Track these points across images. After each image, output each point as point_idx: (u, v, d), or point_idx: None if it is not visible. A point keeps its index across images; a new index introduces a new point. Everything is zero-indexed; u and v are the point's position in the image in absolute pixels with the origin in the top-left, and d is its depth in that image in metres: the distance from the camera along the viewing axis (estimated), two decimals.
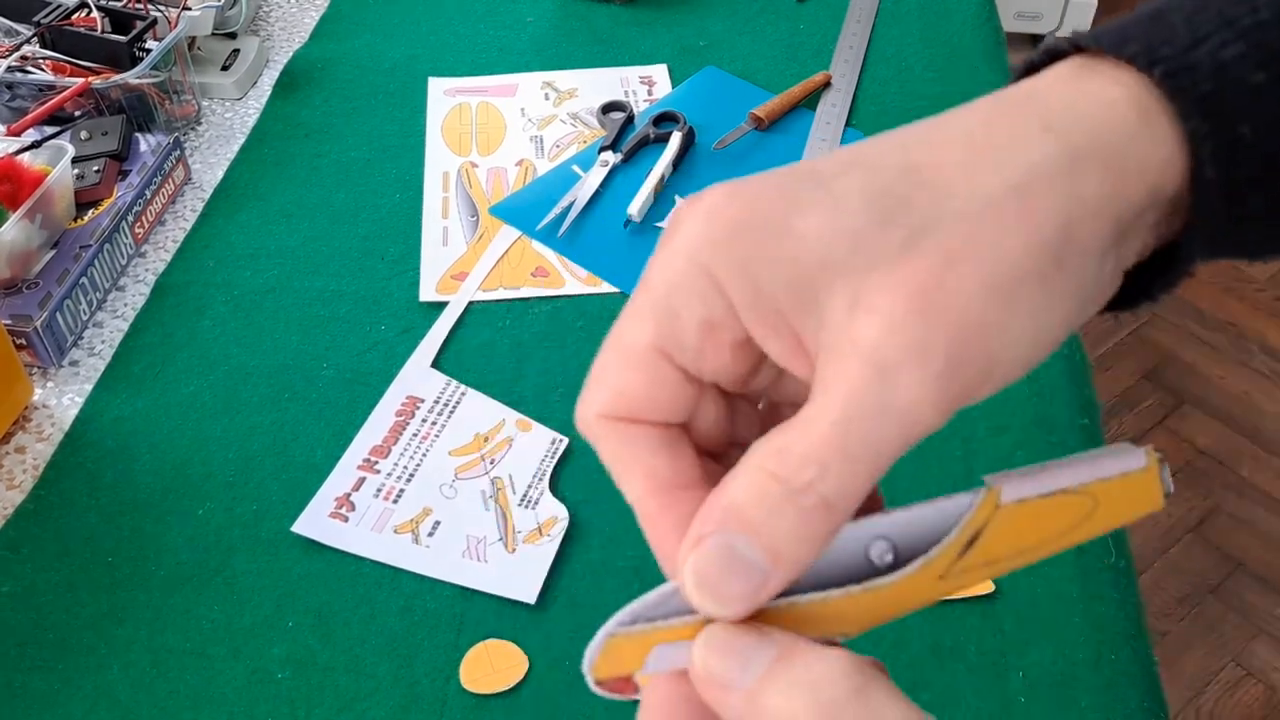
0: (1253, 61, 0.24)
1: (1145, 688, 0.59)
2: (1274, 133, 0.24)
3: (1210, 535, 1.73)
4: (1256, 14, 0.25)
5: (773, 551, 0.23)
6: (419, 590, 0.64)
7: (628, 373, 0.27)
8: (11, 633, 0.62)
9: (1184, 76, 0.24)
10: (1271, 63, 0.24)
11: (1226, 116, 0.24)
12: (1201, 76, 0.24)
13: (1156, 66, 0.24)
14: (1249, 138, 0.24)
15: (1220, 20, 0.25)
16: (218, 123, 0.99)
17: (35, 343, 0.75)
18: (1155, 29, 0.25)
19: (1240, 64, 0.24)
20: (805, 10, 1.11)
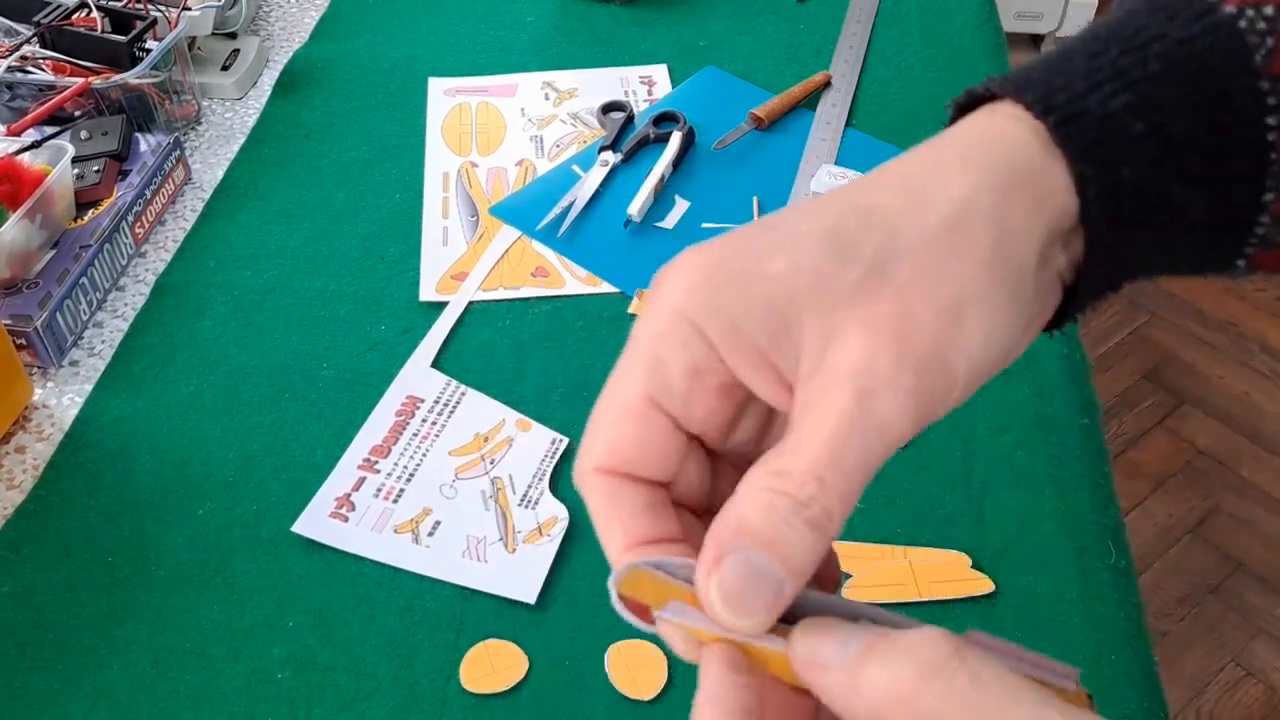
0: (1136, 112, 0.28)
1: (1145, 688, 0.59)
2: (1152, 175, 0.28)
3: (1210, 535, 1.73)
4: (1146, 66, 0.28)
5: (785, 561, 0.26)
6: (419, 590, 0.64)
7: (621, 424, 0.29)
8: (11, 633, 0.62)
9: (1074, 124, 0.28)
10: (1152, 113, 0.28)
11: (1109, 162, 0.27)
12: (1089, 125, 0.28)
13: (1051, 114, 0.28)
14: (1130, 180, 0.28)
15: (1113, 70, 0.28)
16: (218, 123, 0.99)
17: (35, 343, 0.75)
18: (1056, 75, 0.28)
19: (1126, 113, 0.27)
20: (805, 10, 1.11)
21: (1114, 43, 0.29)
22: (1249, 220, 0.29)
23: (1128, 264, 0.30)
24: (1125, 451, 1.85)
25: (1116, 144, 0.28)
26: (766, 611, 0.26)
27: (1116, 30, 0.29)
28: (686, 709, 0.62)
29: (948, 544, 0.65)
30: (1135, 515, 1.76)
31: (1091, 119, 0.28)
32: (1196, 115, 0.28)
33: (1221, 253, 0.31)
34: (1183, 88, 0.28)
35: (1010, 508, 0.67)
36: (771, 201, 0.89)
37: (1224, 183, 0.29)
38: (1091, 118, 0.28)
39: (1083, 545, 0.65)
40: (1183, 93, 0.28)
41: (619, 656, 0.61)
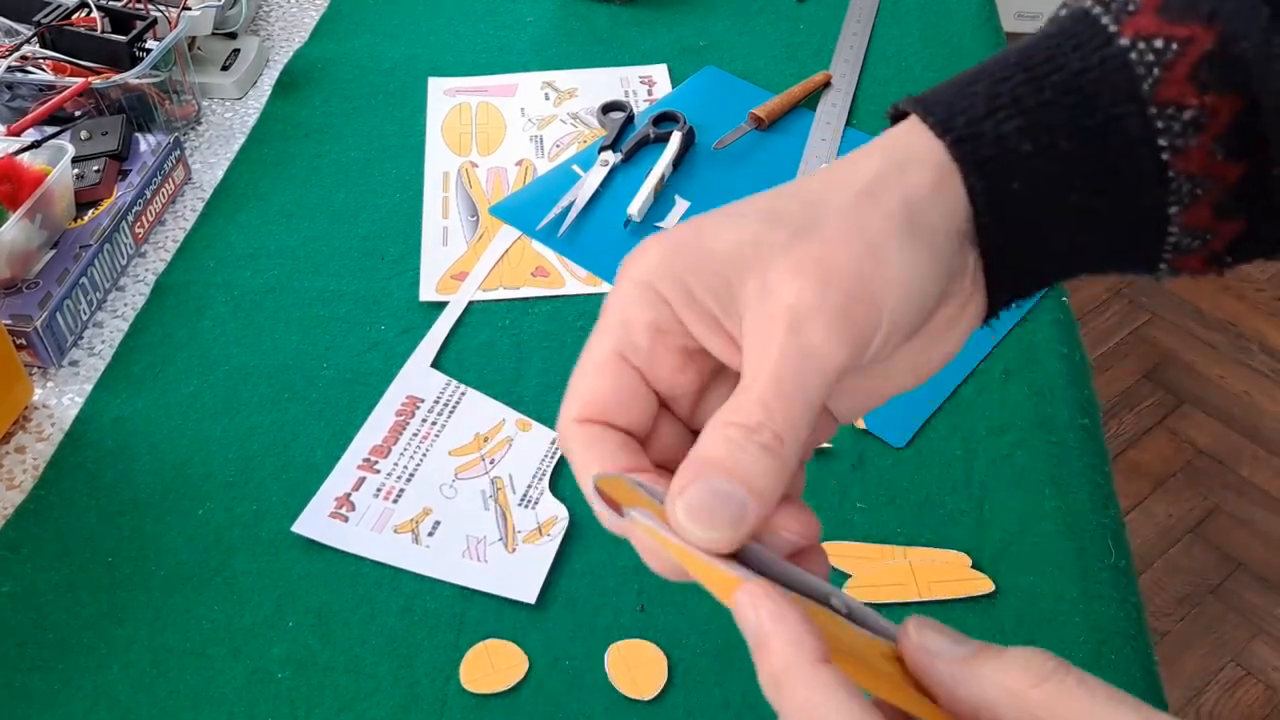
0: (1026, 134, 0.32)
1: (1145, 688, 0.59)
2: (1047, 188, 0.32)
3: (1210, 535, 1.73)
4: (1041, 94, 0.32)
5: (746, 483, 0.29)
6: (419, 590, 0.64)
7: (593, 378, 0.32)
8: (11, 633, 0.62)
9: (968, 144, 0.32)
10: (1042, 135, 0.32)
11: (999, 176, 0.32)
12: (984, 144, 0.32)
13: (949, 134, 0.32)
14: (1022, 192, 0.32)
15: (1010, 98, 0.32)
16: (218, 123, 0.99)
17: (35, 343, 0.75)
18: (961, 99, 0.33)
19: (1016, 135, 0.32)
20: (805, 10, 1.11)
21: (1019, 70, 0.33)
22: (1159, 229, 0.33)
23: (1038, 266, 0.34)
24: (1125, 451, 1.85)
25: (1006, 161, 0.32)
26: (732, 527, 0.29)
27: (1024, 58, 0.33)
28: (686, 709, 0.62)
29: (948, 544, 0.65)
30: (1135, 515, 1.76)
31: (986, 140, 0.32)
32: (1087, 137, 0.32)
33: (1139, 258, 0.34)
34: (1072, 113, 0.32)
35: (1010, 508, 0.67)
36: None
37: (1126, 195, 0.32)
38: (986, 139, 0.32)
39: (1083, 545, 0.65)
40: (1071, 117, 0.32)
41: (619, 656, 0.61)
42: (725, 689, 0.59)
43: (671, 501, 0.30)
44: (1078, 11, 0.33)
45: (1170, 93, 0.31)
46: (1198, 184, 0.32)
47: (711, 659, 0.61)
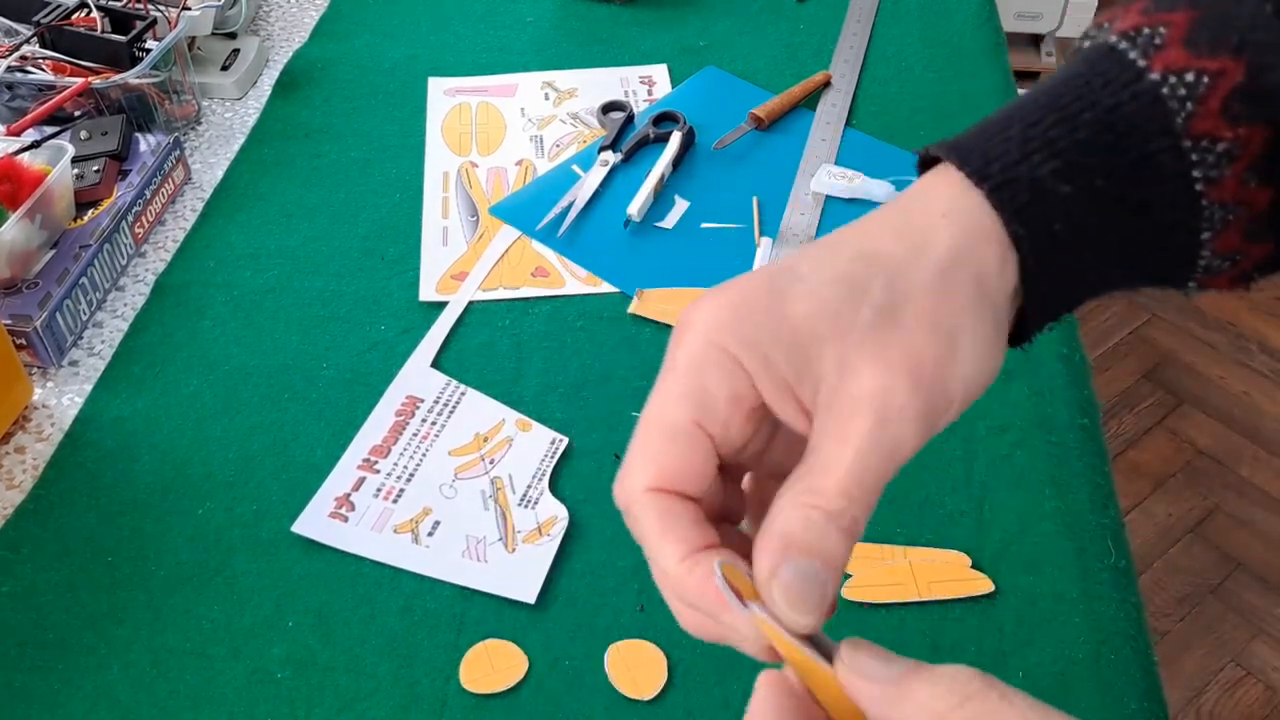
0: (1063, 175, 0.32)
1: (1145, 688, 0.59)
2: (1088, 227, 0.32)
3: (1210, 535, 1.73)
4: (1074, 134, 0.32)
5: (826, 562, 0.30)
6: (419, 590, 0.64)
7: (670, 446, 0.32)
8: (11, 633, 0.62)
9: (1005, 191, 0.32)
10: (1078, 176, 0.32)
11: (1040, 220, 0.32)
12: (1020, 190, 0.32)
13: (986, 182, 0.32)
14: (1064, 232, 0.32)
15: (1044, 140, 0.32)
16: (218, 123, 0.99)
17: (35, 343, 0.75)
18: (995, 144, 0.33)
19: (1054, 178, 0.32)
20: (805, 10, 1.11)
21: (1050, 112, 0.33)
22: (1192, 254, 0.34)
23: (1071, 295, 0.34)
24: (1125, 451, 1.85)
25: (1045, 205, 0.32)
26: (821, 607, 0.30)
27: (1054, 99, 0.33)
28: (686, 709, 0.62)
29: (948, 544, 0.65)
30: (1135, 515, 1.76)
31: (1022, 184, 0.32)
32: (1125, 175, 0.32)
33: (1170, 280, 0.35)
34: (1108, 152, 0.32)
35: (1010, 508, 0.67)
36: (771, 201, 0.89)
37: (1160, 227, 0.33)
38: (1022, 183, 0.32)
39: (1083, 545, 0.65)
40: (1108, 156, 0.32)
41: (619, 656, 0.61)
42: (725, 689, 0.59)
43: (766, 585, 0.30)
44: (1102, 47, 0.34)
45: (1204, 126, 0.32)
46: (1229, 211, 0.32)
47: (711, 659, 0.61)
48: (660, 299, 0.80)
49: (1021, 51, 2.57)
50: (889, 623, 0.62)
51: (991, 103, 0.98)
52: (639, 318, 0.79)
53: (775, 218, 0.87)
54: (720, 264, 0.83)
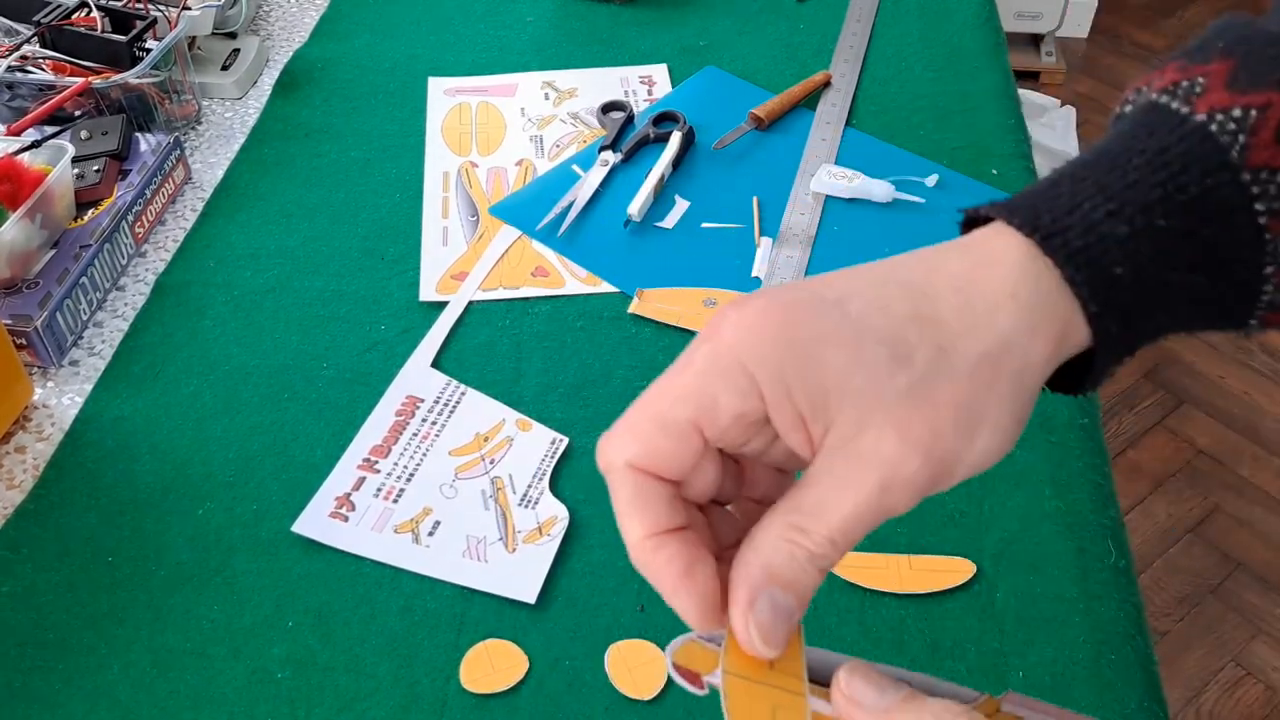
0: (1121, 217, 0.32)
1: (1145, 688, 0.59)
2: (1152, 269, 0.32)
3: (1210, 535, 1.73)
4: (1126, 177, 0.32)
5: (800, 598, 0.32)
6: (419, 590, 0.64)
7: (663, 438, 0.33)
8: (11, 633, 0.62)
9: (1057, 239, 0.32)
10: (1136, 216, 0.32)
11: (1098, 263, 0.32)
12: (1074, 235, 0.32)
13: (1037, 232, 0.32)
14: (1127, 276, 0.32)
15: (1095, 186, 0.32)
16: (218, 122, 0.99)
17: (35, 343, 0.75)
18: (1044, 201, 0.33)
19: (1109, 220, 0.32)
20: (805, 10, 1.11)
21: (1099, 165, 0.33)
22: (1254, 290, 0.33)
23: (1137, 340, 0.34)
24: (1125, 451, 1.85)
25: (1103, 247, 0.32)
26: (787, 637, 0.32)
27: (1101, 154, 0.33)
28: (686, 709, 0.62)
29: (947, 544, 0.65)
30: (1135, 515, 1.76)
31: (1075, 231, 0.32)
32: (1184, 211, 0.32)
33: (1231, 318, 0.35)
34: (1165, 189, 0.32)
35: (1010, 508, 0.67)
36: (771, 201, 0.89)
37: (1223, 264, 0.33)
38: (1075, 230, 0.32)
39: (1083, 545, 0.65)
40: (1165, 194, 0.32)
41: (619, 656, 0.61)
42: None
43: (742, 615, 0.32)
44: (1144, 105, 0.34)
45: (1261, 157, 0.32)
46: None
47: None
48: (660, 299, 0.80)
49: (1021, 51, 2.57)
50: (889, 622, 0.62)
51: (991, 103, 0.98)
52: (639, 318, 0.79)
53: (775, 218, 0.87)
54: (720, 264, 0.83)
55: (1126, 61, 2.70)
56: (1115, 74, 2.66)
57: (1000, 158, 0.93)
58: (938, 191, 0.89)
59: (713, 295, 0.80)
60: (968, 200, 0.92)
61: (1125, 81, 2.62)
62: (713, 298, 0.80)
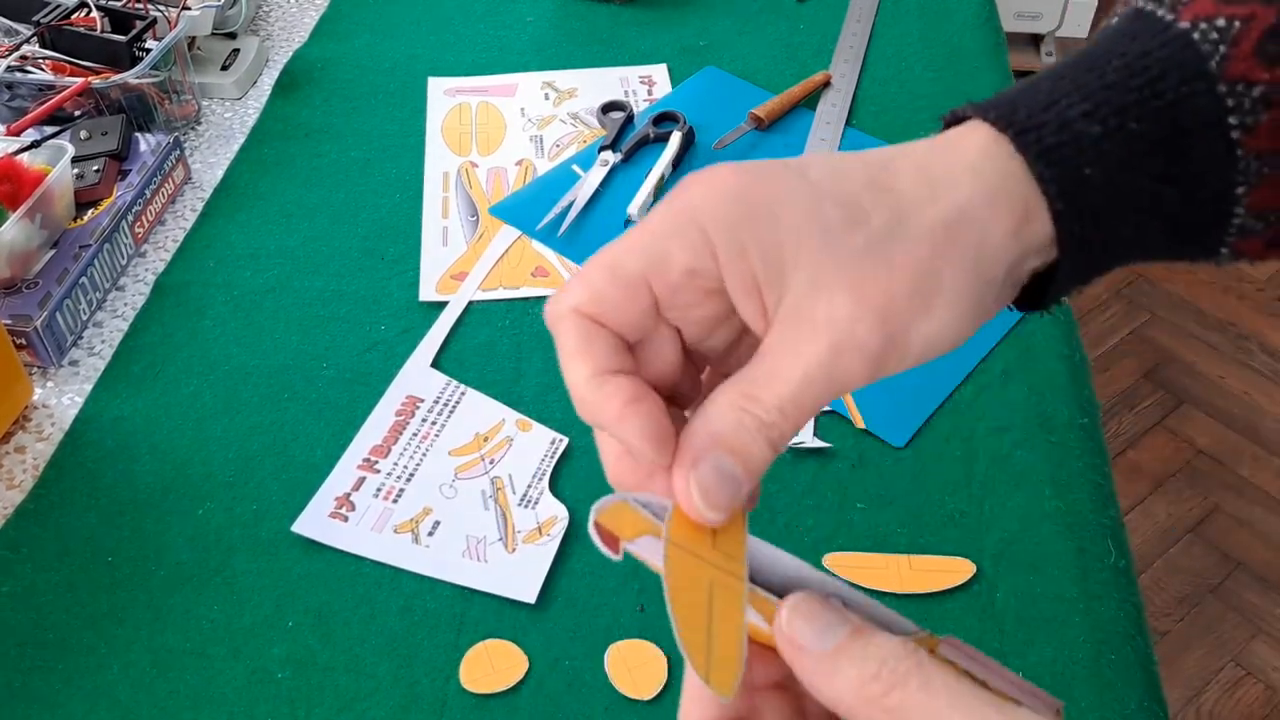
0: (1095, 118, 0.31)
1: (1145, 688, 0.59)
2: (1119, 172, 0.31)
3: (1210, 535, 1.73)
4: (1104, 78, 0.32)
5: (747, 467, 0.31)
6: (419, 590, 0.64)
7: (611, 287, 0.32)
8: (11, 633, 0.62)
9: (1031, 134, 0.32)
10: (1110, 117, 0.31)
11: (1070, 162, 0.31)
12: (1048, 132, 0.32)
13: (1011, 128, 0.32)
14: (1097, 177, 0.31)
15: (1072, 85, 0.32)
16: (218, 123, 0.99)
17: (35, 343, 0.75)
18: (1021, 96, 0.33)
19: (1083, 120, 0.31)
20: (805, 10, 1.11)
21: (1078, 66, 0.33)
22: (1225, 211, 0.33)
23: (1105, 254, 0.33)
24: (1125, 451, 1.85)
25: (1076, 146, 0.31)
26: (730, 504, 0.31)
27: (1081, 57, 0.33)
28: None
29: (948, 544, 0.65)
30: (1135, 515, 1.76)
31: (1050, 128, 0.32)
32: (1157, 117, 0.31)
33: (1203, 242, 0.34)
34: (1141, 94, 0.31)
35: (1010, 508, 0.67)
36: None
37: (1194, 177, 0.32)
38: (1049, 127, 0.32)
39: (1083, 545, 0.65)
40: (1141, 98, 0.31)
41: (619, 656, 0.61)
42: None
43: (684, 475, 0.31)
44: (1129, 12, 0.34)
45: (1238, 69, 0.31)
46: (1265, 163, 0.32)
47: None
48: None
49: (1021, 51, 2.57)
50: None
51: None
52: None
53: None
54: None
55: None
56: None
57: None
58: None
59: None
60: None
61: None
62: None
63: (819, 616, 0.30)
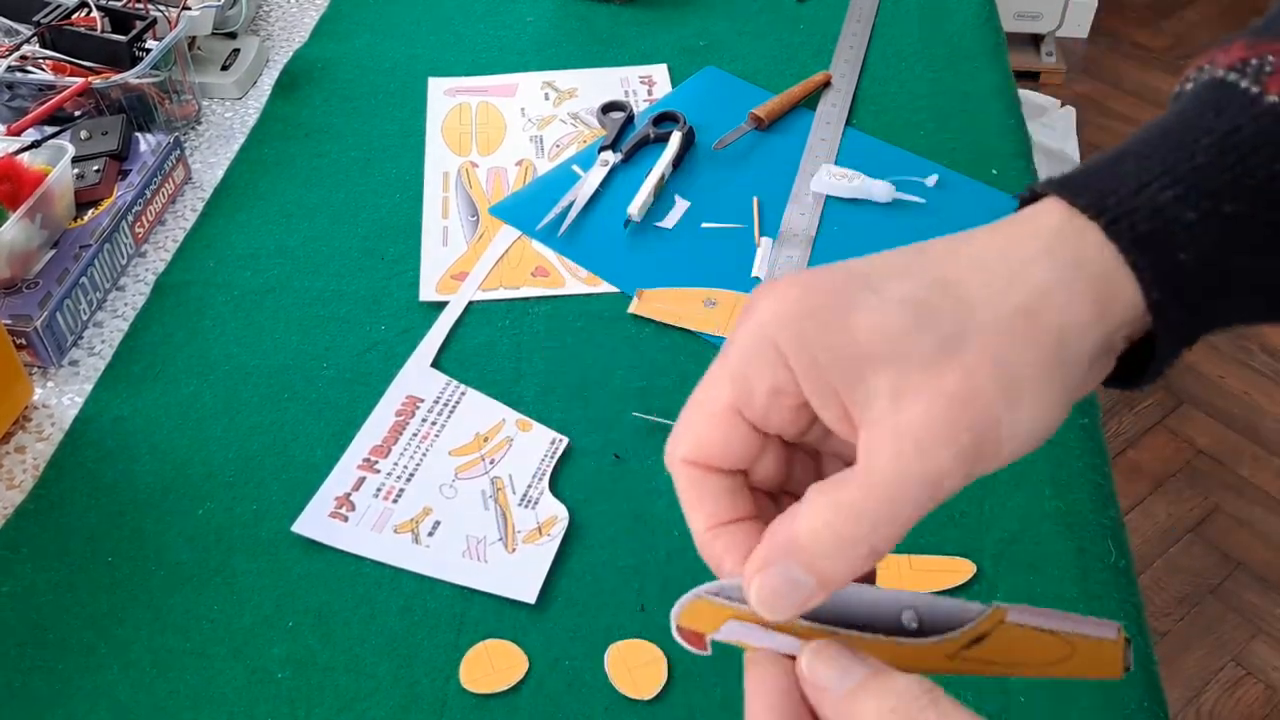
0: (1187, 202, 0.30)
1: (1145, 688, 0.59)
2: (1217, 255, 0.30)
3: (1210, 535, 1.73)
4: (1193, 160, 0.31)
5: (822, 581, 0.31)
6: (419, 590, 0.64)
7: (707, 426, 0.33)
8: (11, 633, 0.62)
9: (1123, 222, 0.30)
10: (1202, 201, 0.30)
11: (1165, 249, 0.30)
12: (1140, 219, 0.30)
13: (1103, 215, 0.31)
14: (1191, 263, 0.30)
15: (1162, 168, 0.31)
16: (218, 123, 0.99)
17: (35, 343, 0.75)
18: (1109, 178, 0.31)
19: (1175, 205, 0.30)
20: (805, 10, 1.11)
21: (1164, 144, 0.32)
22: None
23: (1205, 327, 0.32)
24: (1125, 451, 1.85)
25: (1169, 233, 0.30)
26: (793, 611, 0.31)
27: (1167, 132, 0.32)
28: (686, 709, 0.62)
29: (948, 544, 0.65)
30: (1135, 515, 1.76)
31: (1142, 214, 0.30)
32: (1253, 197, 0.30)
33: None
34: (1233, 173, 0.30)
35: (1010, 508, 0.67)
36: (771, 201, 0.89)
37: None
38: (1141, 213, 0.30)
39: (1083, 545, 0.65)
40: (1234, 178, 0.30)
41: (619, 656, 0.61)
42: (725, 689, 0.59)
43: (750, 575, 0.31)
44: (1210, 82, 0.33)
45: None
46: None
47: (711, 659, 0.60)
48: (660, 299, 0.80)
49: (1021, 51, 2.57)
50: None
51: (991, 103, 0.99)
52: (639, 318, 0.79)
53: (775, 218, 0.87)
54: (720, 264, 0.83)
55: (1126, 61, 2.70)
56: (1115, 74, 2.66)
57: (1000, 158, 0.93)
58: (938, 191, 0.89)
59: (713, 295, 0.80)
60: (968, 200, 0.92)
61: (1125, 81, 2.62)
62: (713, 298, 0.80)
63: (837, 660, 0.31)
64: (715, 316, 0.79)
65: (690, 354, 0.76)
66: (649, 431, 0.72)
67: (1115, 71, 2.66)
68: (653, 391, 0.74)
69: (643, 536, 0.66)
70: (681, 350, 0.77)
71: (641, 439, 0.71)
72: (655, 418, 0.72)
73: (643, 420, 0.72)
